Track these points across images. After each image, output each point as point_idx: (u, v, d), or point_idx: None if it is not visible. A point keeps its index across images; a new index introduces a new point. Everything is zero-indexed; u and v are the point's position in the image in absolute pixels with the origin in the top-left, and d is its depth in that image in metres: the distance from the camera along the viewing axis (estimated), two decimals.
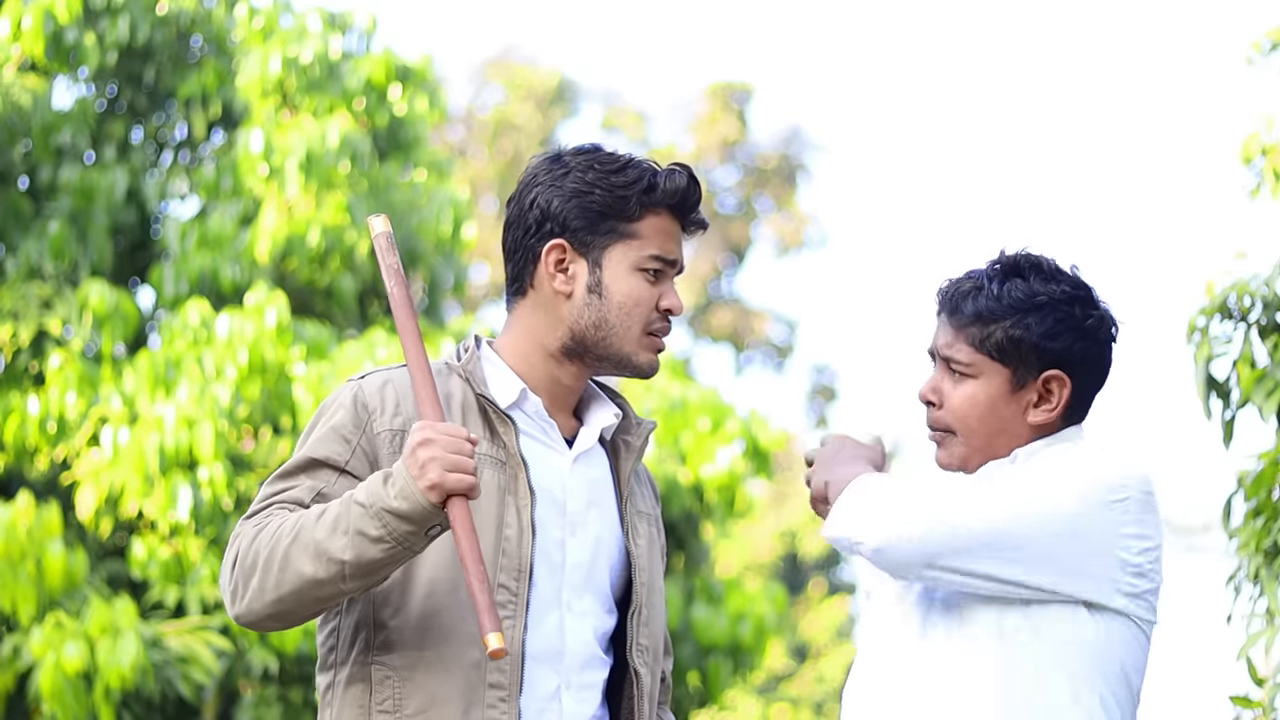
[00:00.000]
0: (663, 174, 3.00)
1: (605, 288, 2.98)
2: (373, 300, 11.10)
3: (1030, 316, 2.98)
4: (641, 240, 2.99)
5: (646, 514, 3.10)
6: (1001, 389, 2.99)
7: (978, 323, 2.99)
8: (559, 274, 2.99)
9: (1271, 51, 5.70)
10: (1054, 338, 2.98)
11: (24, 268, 10.37)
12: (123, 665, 8.25)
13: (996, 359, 2.98)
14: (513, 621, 2.84)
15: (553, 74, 25.46)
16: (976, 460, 3.02)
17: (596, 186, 2.97)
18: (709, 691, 10.80)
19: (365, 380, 2.96)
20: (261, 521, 2.82)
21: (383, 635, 2.85)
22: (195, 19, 11.25)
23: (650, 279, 2.99)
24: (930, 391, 3.03)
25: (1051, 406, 3.00)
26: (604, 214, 2.98)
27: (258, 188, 10.45)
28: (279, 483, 2.89)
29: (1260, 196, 5.56)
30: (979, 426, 3.00)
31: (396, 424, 2.90)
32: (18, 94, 10.41)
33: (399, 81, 10.86)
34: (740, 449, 10.81)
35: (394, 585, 2.85)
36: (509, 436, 2.92)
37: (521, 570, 2.86)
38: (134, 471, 9.13)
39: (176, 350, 9.50)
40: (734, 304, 25.62)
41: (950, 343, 3.01)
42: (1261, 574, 4.81)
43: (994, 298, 2.98)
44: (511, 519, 2.87)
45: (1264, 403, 4.89)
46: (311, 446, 2.90)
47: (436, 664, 2.83)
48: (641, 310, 2.98)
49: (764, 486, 19.58)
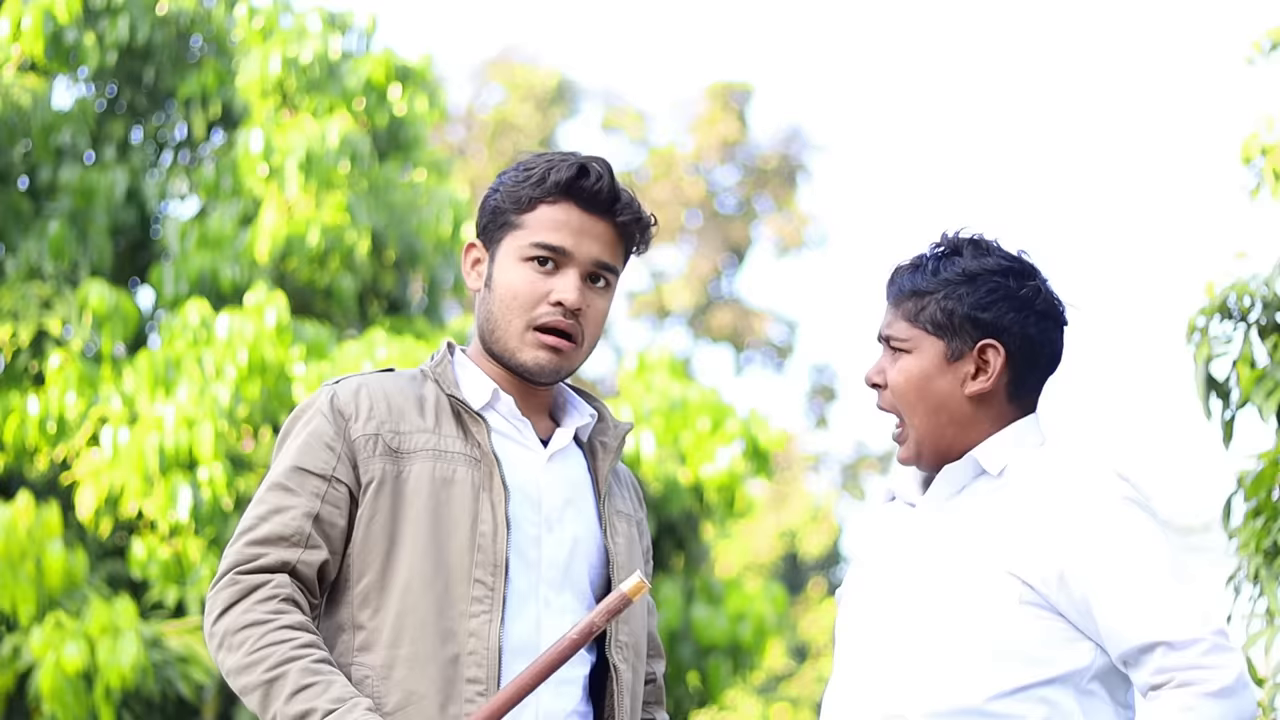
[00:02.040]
0: (558, 165, 2.97)
1: (493, 279, 2.99)
2: (372, 300, 11.11)
3: (963, 287, 3.01)
4: (527, 230, 2.97)
5: (626, 514, 3.09)
6: (937, 361, 3.00)
7: (913, 297, 3.02)
8: (474, 271, 3.04)
9: (1271, 51, 5.70)
10: (986, 308, 3.00)
11: (24, 268, 10.37)
12: (123, 665, 8.25)
13: (931, 332, 3.01)
14: (489, 616, 2.86)
15: (553, 74, 25.46)
16: (928, 448, 3.01)
17: (502, 184, 3.01)
18: (709, 691, 10.80)
19: (339, 386, 2.98)
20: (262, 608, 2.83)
21: (362, 635, 2.88)
22: (195, 19, 11.25)
23: (539, 268, 2.95)
24: (875, 374, 3.05)
25: (988, 376, 3.00)
26: (499, 208, 3.00)
27: (258, 188, 10.45)
28: (274, 496, 2.90)
29: (1260, 196, 5.56)
30: (918, 401, 3.00)
31: (370, 428, 2.92)
32: (18, 94, 10.41)
33: (399, 81, 10.86)
34: (740, 449, 10.81)
35: (373, 585, 2.88)
36: (481, 435, 2.93)
37: (497, 565, 2.87)
38: (134, 471, 9.13)
39: (176, 350, 9.50)
40: (734, 304, 25.61)
41: (890, 321, 3.04)
42: (1261, 574, 4.81)
43: (929, 273, 3.02)
44: (486, 515, 2.89)
45: (1264, 403, 4.89)
46: (297, 455, 2.92)
47: (413, 661, 2.85)
48: (520, 300, 2.95)
49: (764, 486, 19.59)
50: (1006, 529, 2.92)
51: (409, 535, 2.88)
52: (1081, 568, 2.87)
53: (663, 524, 10.87)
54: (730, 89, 25.71)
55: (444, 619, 2.85)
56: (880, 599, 2.99)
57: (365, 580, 2.89)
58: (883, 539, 3.07)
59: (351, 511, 2.90)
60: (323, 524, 2.88)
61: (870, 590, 3.02)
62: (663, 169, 25.30)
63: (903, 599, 2.95)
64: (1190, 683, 2.80)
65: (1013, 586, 2.88)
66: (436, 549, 2.87)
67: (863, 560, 3.09)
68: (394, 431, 2.92)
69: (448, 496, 2.89)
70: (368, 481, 2.90)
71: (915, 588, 2.95)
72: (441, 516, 2.89)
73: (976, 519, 2.96)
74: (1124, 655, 2.86)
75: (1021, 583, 2.88)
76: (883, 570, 3.02)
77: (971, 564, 2.92)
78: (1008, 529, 2.92)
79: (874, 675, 2.93)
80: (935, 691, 2.87)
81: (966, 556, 2.93)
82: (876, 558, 3.05)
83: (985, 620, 2.88)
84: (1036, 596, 2.88)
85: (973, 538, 2.94)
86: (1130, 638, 2.84)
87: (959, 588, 2.91)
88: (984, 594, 2.89)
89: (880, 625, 2.96)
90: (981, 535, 2.94)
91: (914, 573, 2.97)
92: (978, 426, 3.02)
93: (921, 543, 2.99)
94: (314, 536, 2.87)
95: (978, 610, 2.88)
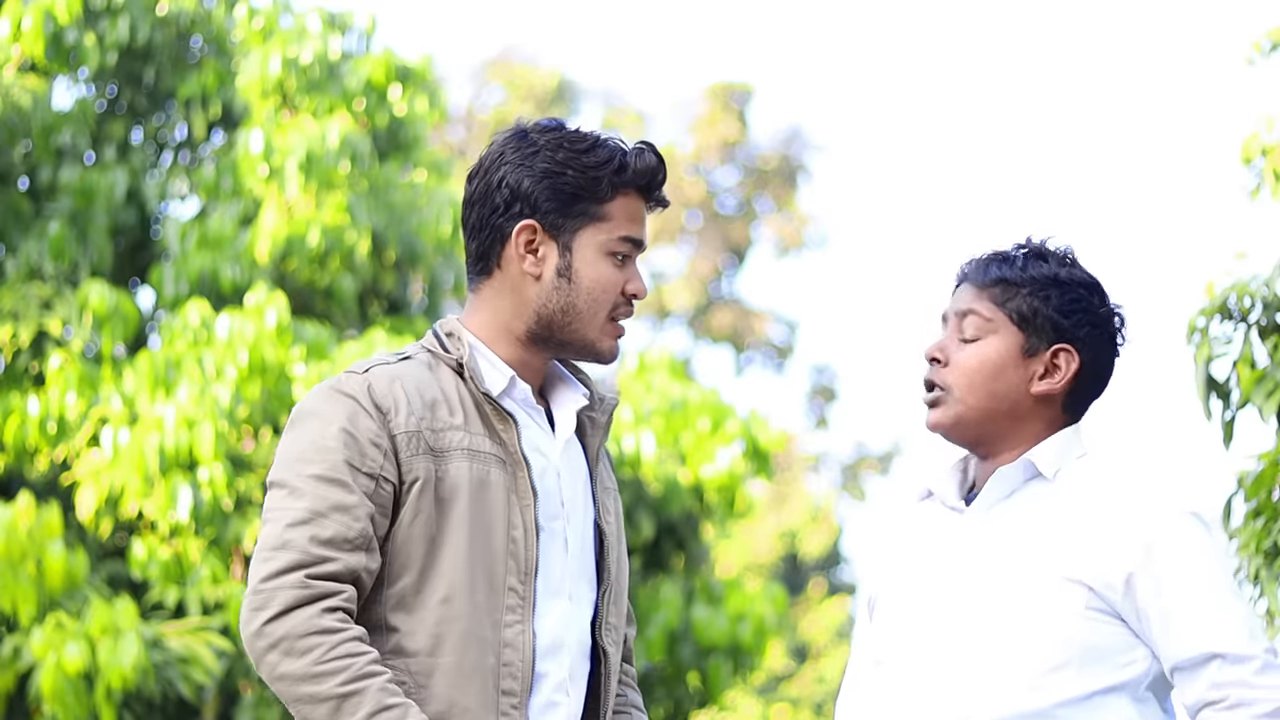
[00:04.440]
0: (632, 153, 2.92)
1: (575, 271, 2.90)
2: (372, 300, 11.11)
3: (1051, 290, 3.02)
4: (612, 222, 2.91)
5: (611, 489, 3.04)
6: (1013, 351, 3.01)
7: (1001, 284, 3.03)
8: (529, 255, 2.90)
9: (1271, 51, 5.70)
10: (1069, 315, 3.02)
11: (24, 268, 10.37)
12: (123, 665, 8.25)
13: (1014, 322, 3.01)
14: (522, 626, 2.81)
15: (553, 74, 25.47)
16: (969, 425, 3.01)
17: (569, 167, 2.89)
18: (709, 692, 10.79)
19: (373, 376, 2.86)
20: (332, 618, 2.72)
21: (395, 638, 2.79)
22: (195, 19, 11.25)
23: (618, 262, 2.93)
24: (937, 350, 3.04)
25: (1056, 380, 3.01)
26: (576, 195, 2.89)
27: (258, 188, 10.45)
28: (332, 492, 2.77)
29: (1260, 197, 5.56)
30: (983, 385, 3.00)
31: (412, 425, 2.82)
32: (18, 94, 10.41)
33: (399, 82, 10.86)
34: (740, 449, 10.81)
35: (409, 588, 2.80)
36: (509, 435, 2.86)
37: (527, 572, 2.82)
38: (134, 472, 9.13)
39: (176, 351, 9.50)
40: (734, 304, 25.62)
41: (974, 299, 3.04)
42: (1262, 574, 4.81)
43: (1019, 268, 3.04)
44: (517, 519, 2.83)
45: (1264, 403, 4.89)
46: (345, 450, 2.79)
47: (456, 671, 2.78)
48: (609, 295, 2.92)
49: (764, 487, 19.58)
50: (1067, 534, 2.94)
51: (449, 539, 2.81)
52: (1149, 574, 2.90)
53: (663, 524, 10.87)
54: (730, 89, 25.71)
55: (482, 628, 2.79)
56: (936, 604, 2.97)
57: (402, 582, 2.80)
58: (925, 541, 3.05)
59: (394, 512, 2.81)
60: (375, 526, 2.79)
61: (921, 595, 2.99)
62: None
63: (962, 605, 2.94)
64: (1243, 703, 2.84)
65: (1077, 593, 2.90)
66: (476, 554, 2.80)
67: (902, 562, 3.06)
68: (431, 429, 2.83)
69: (485, 501, 2.82)
70: (411, 481, 2.80)
71: (974, 594, 2.94)
72: (479, 522, 2.82)
73: (1032, 523, 2.97)
74: (1179, 664, 2.89)
75: (1086, 589, 2.89)
76: (933, 575, 2.99)
77: (1032, 569, 2.92)
78: (1069, 534, 2.94)
79: (937, 681, 2.92)
80: (1001, 698, 2.88)
81: (1026, 562, 2.93)
82: (920, 561, 3.03)
83: (1050, 626, 2.89)
84: (1101, 602, 2.90)
85: (1031, 543, 2.95)
86: (1190, 647, 2.88)
87: (1021, 593, 2.91)
88: (1048, 600, 2.90)
89: (939, 631, 2.94)
90: (1040, 540, 2.95)
91: (971, 578, 2.96)
92: (1030, 426, 3.03)
93: (974, 547, 2.98)
94: (373, 540, 2.78)
95: (1042, 616, 2.89)
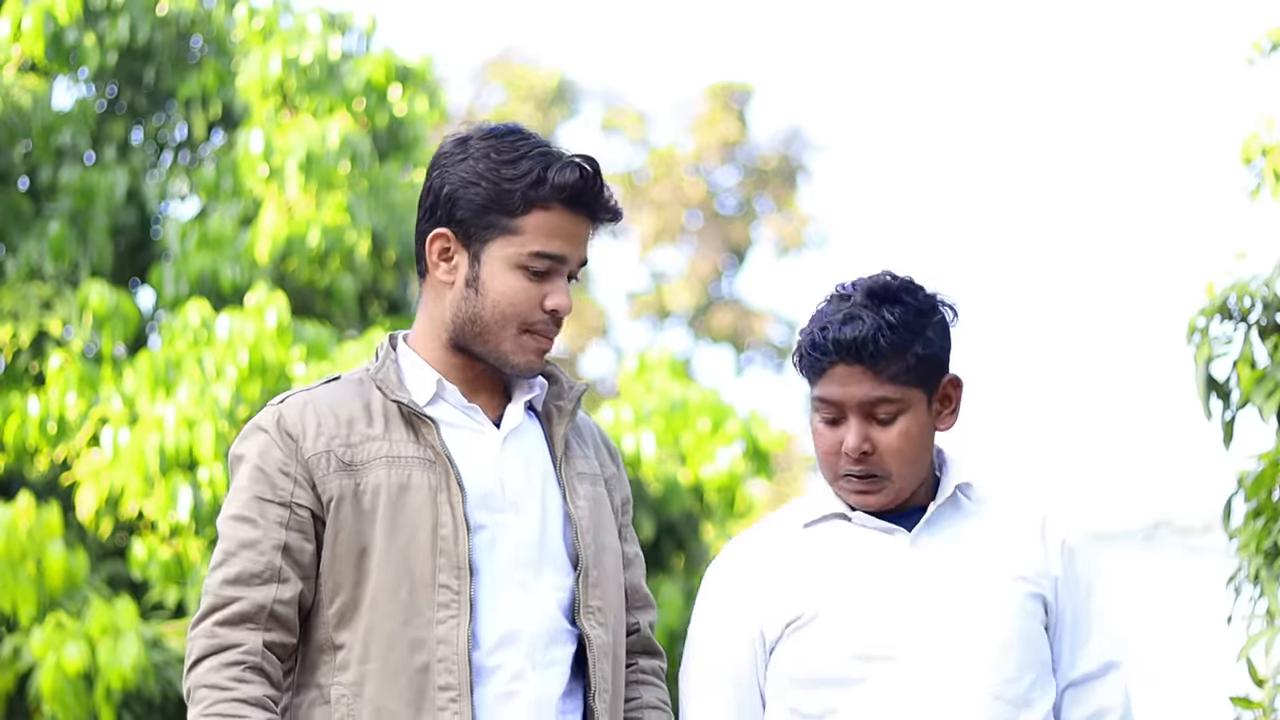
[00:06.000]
0: (555, 167, 2.88)
1: (482, 283, 2.89)
2: (372, 300, 11.11)
3: (928, 330, 2.98)
4: (524, 236, 2.87)
5: (589, 474, 3.03)
6: (924, 411, 2.99)
7: (896, 357, 2.94)
8: (442, 263, 2.92)
9: (1271, 51, 5.70)
10: (944, 341, 3.01)
11: (24, 268, 10.37)
12: (123, 666, 8.26)
13: (917, 385, 2.97)
14: (456, 621, 2.82)
15: (553, 74, 25.47)
16: (904, 494, 3.02)
17: (484, 178, 2.88)
18: None
19: (284, 406, 2.92)
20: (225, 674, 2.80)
21: (341, 655, 2.85)
22: (195, 19, 11.26)
23: (532, 277, 2.89)
24: (863, 442, 2.96)
25: (952, 409, 3.03)
26: (487, 207, 2.88)
27: (258, 188, 10.45)
28: (240, 530, 2.85)
29: (1260, 197, 5.56)
30: (915, 456, 2.99)
31: (321, 445, 2.87)
32: (18, 94, 10.41)
33: (399, 82, 10.87)
34: (740, 450, 10.82)
35: (347, 604, 2.85)
36: (432, 436, 2.88)
37: (461, 568, 2.83)
38: (134, 472, 9.13)
39: (176, 351, 9.50)
40: (734, 305, 25.62)
41: (874, 386, 2.95)
42: (1262, 575, 4.81)
43: (894, 328, 2.94)
44: (446, 517, 2.85)
45: (1264, 403, 4.89)
46: (253, 484, 2.87)
47: (382, 675, 2.82)
48: (517, 310, 2.89)
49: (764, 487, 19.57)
50: (1005, 541, 3.04)
51: (374, 547, 2.85)
52: (1071, 578, 3.07)
53: (663, 524, 10.87)
54: (730, 89, 25.71)
55: (411, 628, 2.82)
56: (910, 616, 2.97)
57: (340, 599, 2.85)
58: (863, 560, 3.02)
59: (319, 533, 2.86)
60: (292, 553, 2.84)
61: (890, 608, 2.99)
62: (663, 169, 25.31)
63: (940, 613, 2.97)
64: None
65: (1025, 588, 3.02)
66: (398, 558, 2.84)
67: (841, 581, 3.02)
68: (345, 445, 2.88)
69: (405, 503, 2.85)
70: (328, 500, 2.85)
71: (949, 602, 2.98)
72: (400, 524, 2.85)
73: (974, 536, 3.04)
74: (1089, 673, 3.06)
75: (1031, 583, 3.02)
76: (893, 591, 2.99)
77: (989, 575, 3.01)
78: (1006, 541, 3.04)
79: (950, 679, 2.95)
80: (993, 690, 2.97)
81: (983, 570, 3.01)
82: (869, 578, 3.01)
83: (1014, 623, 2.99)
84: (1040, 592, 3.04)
85: (980, 553, 3.02)
86: (1098, 658, 3.07)
87: (988, 597, 2.99)
88: (1009, 599, 3.00)
89: (930, 637, 2.96)
90: (986, 550, 3.02)
91: (938, 590, 2.99)
92: (929, 458, 3.05)
93: (929, 563, 3.01)
94: (285, 569, 2.83)
95: (1007, 614, 2.99)
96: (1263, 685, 4.69)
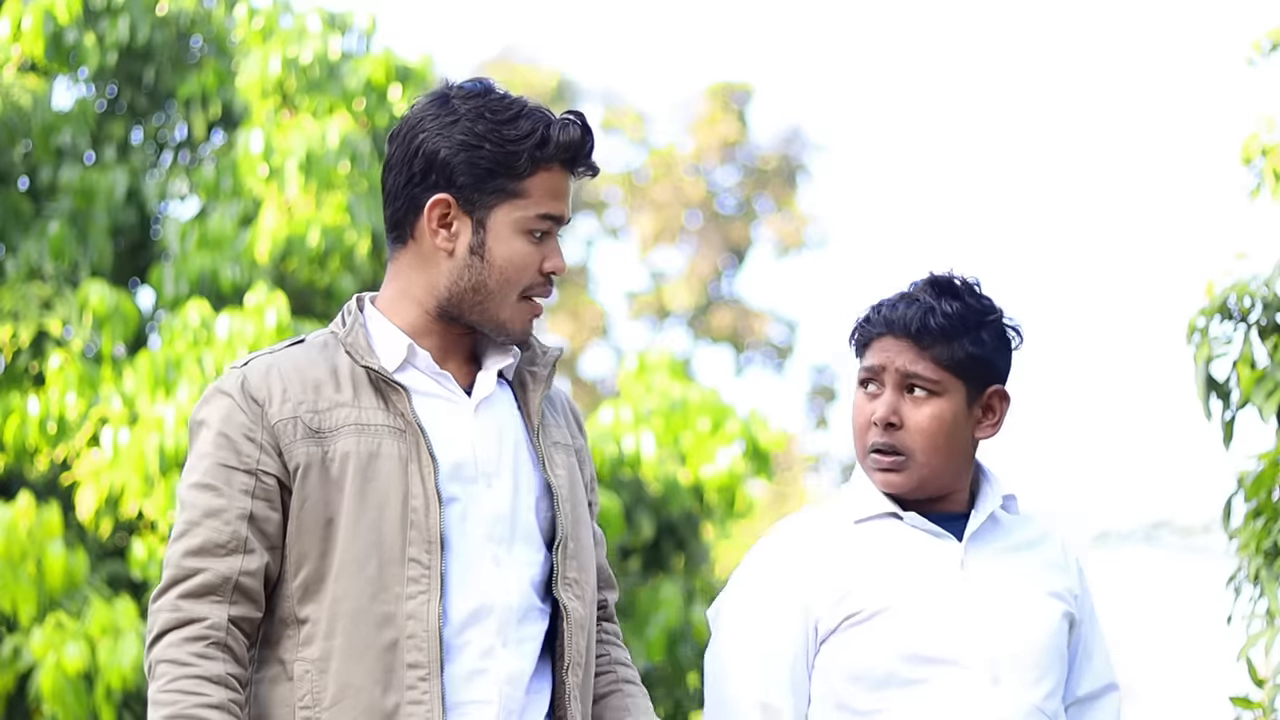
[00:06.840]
0: (556, 126, 2.82)
1: (489, 249, 2.81)
2: None
3: (983, 331, 3.02)
4: (530, 199, 2.80)
5: (564, 444, 2.95)
6: (961, 406, 3.02)
7: (942, 340, 2.99)
8: (441, 230, 2.82)
9: (1271, 51, 5.70)
10: (999, 352, 3.04)
11: (24, 268, 10.37)
12: (124, 665, 8.25)
13: (958, 375, 3.00)
14: (426, 596, 2.74)
15: (553, 74, 25.47)
16: (929, 485, 3.04)
17: (487, 140, 2.79)
18: None
19: (249, 369, 2.84)
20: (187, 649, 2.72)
21: (305, 629, 2.75)
22: (195, 19, 11.25)
23: (535, 240, 2.83)
24: (892, 414, 3.00)
25: (994, 421, 3.05)
26: (493, 171, 2.79)
27: (258, 188, 10.45)
28: (203, 498, 2.76)
29: (1260, 197, 5.56)
30: (943, 445, 3.01)
31: (288, 411, 2.78)
32: (18, 94, 10.41)
33: (399, 82, 10.86)
34: (740, 450, 10.81)
35: (312, 576, 2.76)
36: (403, 404, 2.79)
37: (431, 541, 2.76)
38: (134, 472, 9.13)
39: (176, 351, 9.50)
40: (734, 304, 25.61)
41: (913, 360, 3.00)
42: (1262, 574, 4.81)
43: (948, 316, 3.00)
44: (417, 489, 2.77)
45: (1264, 403, 4.90)
46: (217, 450, 2.78)
47: (348, 651, 2.73)
48: (523, 275, 2.82)
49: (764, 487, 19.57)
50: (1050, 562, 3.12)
51: (342, 518, 2.75)
52: (1085, 598, 3.16)
53: (663, 524, 10.87)
54: (730, 89, 25.71)
55: (379, 603, 2.73)
56: (988, 638, 3.02)
57: (304, 571, 2.76)
58: (918, 561, 3.06)
59: (285, 502, 2.77)
60: (258, 523, 2.74)
61: (965, 629, 3.02)
62: (663, 169, 25.30)
63: (1015, 637, 3.03)
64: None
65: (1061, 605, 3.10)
66: (367, 530, 2.75)
67: (899, 579, 3.05)
68: (313, 410, 2.78)
69: (375, 473, 2.76)
70: (294, 468, 2.76)
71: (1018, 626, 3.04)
72: (370, 495, 2.76)
73: (1027, 554, 3.10)
74: (1091, 692, 3.14)
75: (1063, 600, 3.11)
76: (952, 592, 3.04)
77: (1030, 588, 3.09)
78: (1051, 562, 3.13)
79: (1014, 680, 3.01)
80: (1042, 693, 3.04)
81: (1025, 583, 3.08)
82: (926, 579, 3.04)
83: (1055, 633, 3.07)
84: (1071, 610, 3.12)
85: (1035, 573, 3.09)
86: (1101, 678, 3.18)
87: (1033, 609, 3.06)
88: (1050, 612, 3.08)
89: (1004, 663, 3.01)
90: (1039, 570, 3.10)
91: (991, 597, 3.04)
92: (969, 469, 3.08)
93: (980, 571, 3.06)
94: (250, 540, 2.74)
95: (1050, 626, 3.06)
96: (1263, 685, 4.69)
